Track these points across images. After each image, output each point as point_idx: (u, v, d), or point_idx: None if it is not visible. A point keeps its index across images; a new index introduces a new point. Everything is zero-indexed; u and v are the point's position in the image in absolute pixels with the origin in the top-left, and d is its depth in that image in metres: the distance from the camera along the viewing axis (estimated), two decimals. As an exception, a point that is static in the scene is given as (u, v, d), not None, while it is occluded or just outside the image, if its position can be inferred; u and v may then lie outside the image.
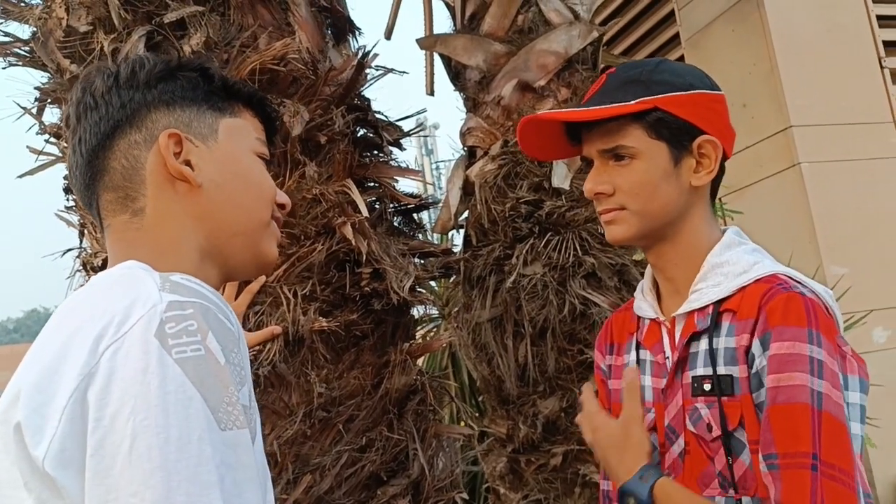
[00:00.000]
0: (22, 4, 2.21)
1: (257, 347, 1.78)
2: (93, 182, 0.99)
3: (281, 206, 1.07)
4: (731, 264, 1.27)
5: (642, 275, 2.90)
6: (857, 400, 1.18)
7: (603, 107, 1.25)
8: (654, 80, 1.27)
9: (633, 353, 1.38)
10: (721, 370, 1.22)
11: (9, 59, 2.23)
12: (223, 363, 0.80)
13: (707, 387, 1.22)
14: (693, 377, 1.25)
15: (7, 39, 2.26)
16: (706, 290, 1.27)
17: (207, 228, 0.99)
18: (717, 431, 1.20)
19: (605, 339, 1.48)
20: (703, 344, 1.25)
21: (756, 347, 1.18)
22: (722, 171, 1.31)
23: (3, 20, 2.22)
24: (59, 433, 0.77)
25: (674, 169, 1.27)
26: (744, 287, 1.24)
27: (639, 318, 1.40)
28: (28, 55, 2.22)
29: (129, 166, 0.98)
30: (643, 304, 1.38)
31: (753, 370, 1.19)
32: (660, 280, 1.37)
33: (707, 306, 1.26)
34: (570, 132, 1.34)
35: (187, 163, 0.98)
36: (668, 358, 1.30)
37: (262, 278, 1.56)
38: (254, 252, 1.03)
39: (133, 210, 0.98)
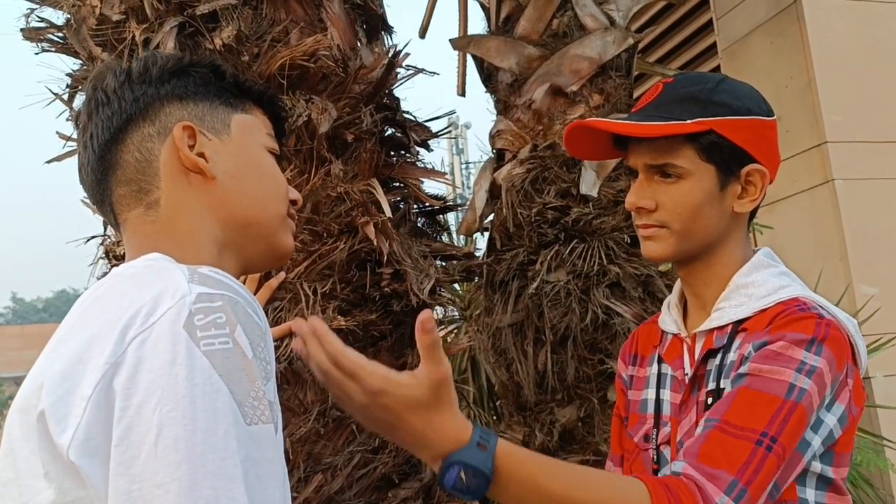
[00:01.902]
0: (57, -9, 2.22)
1: (275, 343, 1.77)
2: (105, 177, 0.99)
3: (293, 202, 1.07)
4: (756, 286, 1.26)
5: (668, 287, 2.88)
6: (830, 423, 1.16)
7: (658, 124, 1.23)
8: (712, 100, 1.24)
9: (656, 366, 1.37)
10: (722, 384, 1.21)
11: (42, 44, 2.24)
12: (250, 357, 0.80)
13: (710, 401, 1.21)
14: (706, 393, 1.24)
15: (42, 25, 2.27)
16: (728, 310, 1.26)
17: (222, 219, 0.99)
18: None
19: (629, 350, 1.48)
20: (718, 361, 1.24)
21: (748, 351, 1.16)
22: (763, 196, 1.30)
23: (38, 6, 2.23)
24: (85, 421, 0.76)
25: (719, 193, 1.25)
26: (765, 309, 1.22)
27: (662, 332, 1.39)
28: (61, 42, 2.23)
29: (143, 159, 0.98)
30: (668, 318, 1.38)
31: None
32: (688, 295, 1.37)
33: (727, 325, 1.25)
34: (616, 138, 1.33)
35: (201, 155, 0.98)
36: (687, 374, 1.30)
37: (282, 275, 1.56)
38: (269, 242, 1.03)
39: (147, 203, 0.97)
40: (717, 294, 1.30)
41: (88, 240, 2.25)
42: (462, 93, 3.89)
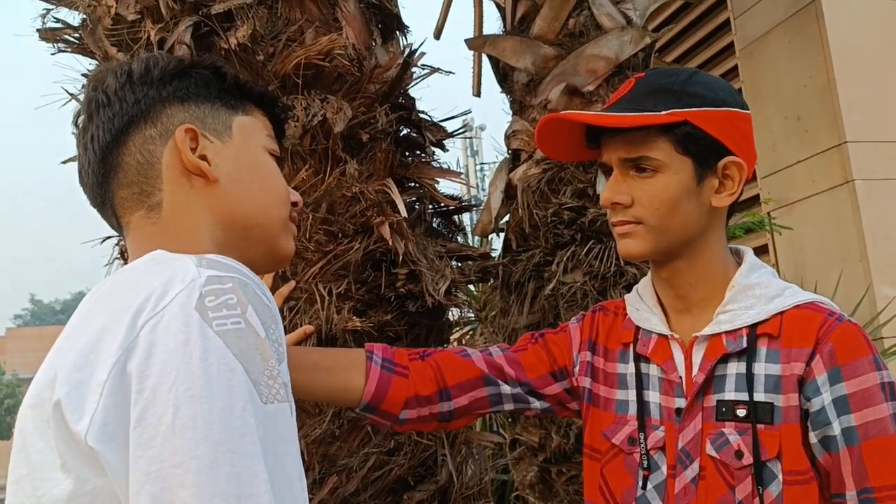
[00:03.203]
0: (73, -9, 2.22)
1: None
2: (106, 179, 0.99)
3: (294, 205, 1.08)
4: (762, 287, 1.23)
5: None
6: None
7: (632, 114, 1.19)
8: (686, 91, 1.21)
9: (632, 365, 1.32)
10: (760, 397, 1.17)
11: (58, 45, 2.24)
12: (263, 337, 0.80)
13: (741, 413, 1.18)
14: (720, 401, 1.20)
15: (58, 26, 2.27)
16: (739, 313, 1.22)
17: (224, 222, 0.99)
18: (748, 459, 1.16)
19: (588, 331, 1.41)
20: (735, 367, 1.20)
21: (822, 381, 1.14)
22: (741, 190, 1.26)
23: (54, 6, 2.24)
24: (101, 407, 0.76)
25: (696, 187, 1.22)
26: (782, 312, 1.20)
27: (638, 328, 1.33)
28: (77, 42, 2.23)
29: (145, 161, 0.98)
30: (651, 317, 1.32)
31: (816, 405, 1.15)
32: (667, 296, 1.31)
33: (740, 329, 1.21)
34: (589, 134, 1.29)
35: (203, 157, 0.98)
36: (682, 377, 1.25)
37: (292, 283, 1.56)
38: (270, 245, 1.04)
39: (149, 205, 0.98)
40: (704, 295, 1.26)
41: (104, 240, 2.25)
42: (477, 93, 3.87)
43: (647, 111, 1.19)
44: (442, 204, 2.37)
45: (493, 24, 3.61)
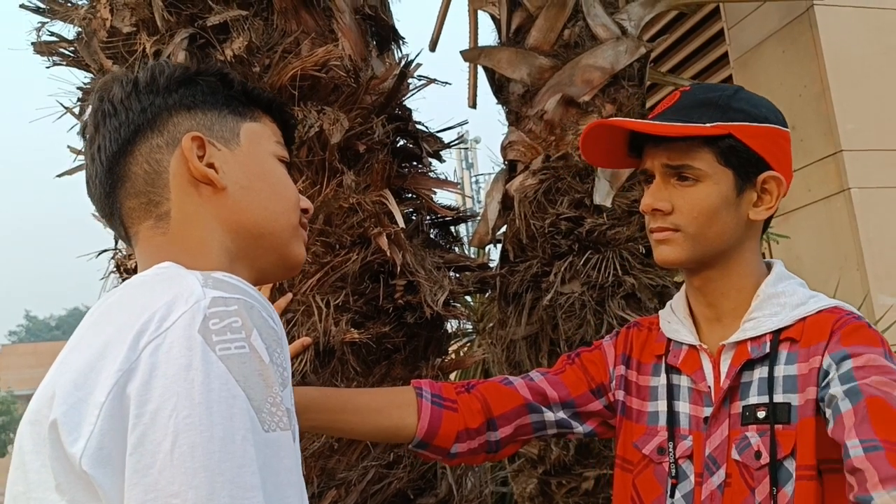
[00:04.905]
0: (68, 4, 2.22)
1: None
2: (113, 190, 0.98)
3: (304, 211, 1.07)
4: (787, 295, 1.25)
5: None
6: None
7: (678, 125, 1.23)
8: (731, 106, 1.24)
9: (664, 377, 1.34)
10: (778, 398, 1.18)
11: (53, 58, 2.23)
12: (267, 362, 0.78)
13: (761, 414, 1.19)
14: (745, 406, 1.22)
15: (53, 39, 2.26)
16: (763, 320, 1.24)
17: (233, 230, 0.97)
18: (765, 459, 1.17)
19: (622, 346, 1.44)
20: (759, 373, 1.22)
21: (828, 363, 1.14)
22: (776, 209, 1.29)
23: (49, 20, 2.23)
24: (98, 430, 0.74)
25: (735, 198, 1.25)
26: (804, 318, 1.21)
27: (670, 340, 1.36)
28: (72, 55, 2.22)
29: (152, 170, 0.96)
30: (680, 328, 1.34)
31: (824, 383, 1.14)
32: (698, 306, 1.34)
33: (764, 335, 1.23)
34: (632, 144, 1.32)
35: (211, 165, 0.96)
36: (710, 387, 1.27)
37: (289, 296, 1.55)
38: (281, 253, 1.02)
39: (157, 215, 0.96)
40: (735, 305, 1.28)
41: (100, 254, 2.24)
42: (473, 105, 3.88)
43: (693, 122, 1.22)
44: (439, 214, 2.36)
45: (488, 35, 3.61)
